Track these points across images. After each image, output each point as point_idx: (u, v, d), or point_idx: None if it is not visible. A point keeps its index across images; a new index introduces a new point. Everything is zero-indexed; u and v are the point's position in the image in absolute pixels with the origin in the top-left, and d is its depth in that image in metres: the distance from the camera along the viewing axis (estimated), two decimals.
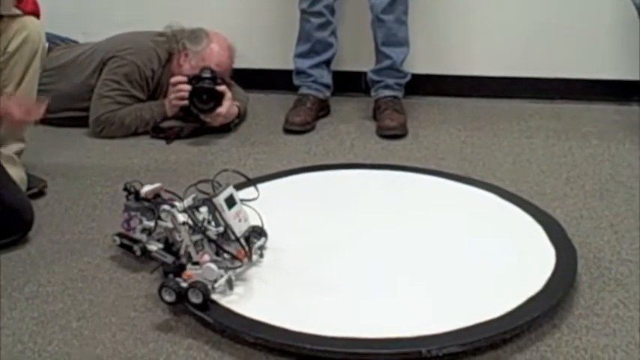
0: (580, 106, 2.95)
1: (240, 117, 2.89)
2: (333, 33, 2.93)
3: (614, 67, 2.99)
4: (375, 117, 2.88)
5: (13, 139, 2.29)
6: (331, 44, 2.94)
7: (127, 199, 1.94)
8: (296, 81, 2.99)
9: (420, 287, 1.78)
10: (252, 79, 3.12)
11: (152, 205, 1.89)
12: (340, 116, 2.97)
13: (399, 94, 2.92)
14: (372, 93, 2.93)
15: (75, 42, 3.12)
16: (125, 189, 1.95)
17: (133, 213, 1.91)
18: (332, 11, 2.88)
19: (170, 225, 1.80)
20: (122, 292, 1.84)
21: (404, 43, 2.88)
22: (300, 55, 2.96)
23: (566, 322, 1.68)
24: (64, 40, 3.08)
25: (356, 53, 3.10)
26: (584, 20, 2.98)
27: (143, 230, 1.90)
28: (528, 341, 1.62)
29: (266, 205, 1.93)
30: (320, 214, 2.13)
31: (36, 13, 2.28)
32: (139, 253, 1.90)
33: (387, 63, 2.88)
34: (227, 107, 2.75)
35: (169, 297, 1.70)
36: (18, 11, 2.22)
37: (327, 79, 2.98)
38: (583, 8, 2.96)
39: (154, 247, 1.87)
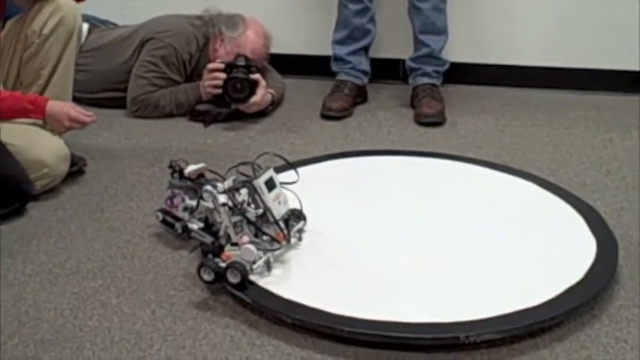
0: (620, 98, 2.91)
1: (275, 103, 2.89)
2: (372, 19, 2.92)
3: None
4: (412, 104, 2.86)
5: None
6: (369, 31, 2.92)
7: (172, 177, 1.95)
8: (334, 67, 2.98)
9: (459, 274, 1.77)
10: (290, 65, 3.12)
11: (195, 184, 1.90)
12: (377, 103, 2.97)
13: (438, 81, 2.90)
14: (410, 80, 2.92)
15: (114, 24, 3.14)
16: (170, 166, 1.96)
17: (176, 191, 1.92)
18: None
19: (211, 205, 1.81)
20: (161, 270, 1.85)
21: (442, 31, 2.86)
22: (338, 42, 2.95)
23: (607, 313, 1.66)
24: (103, 22, 3.11)
25: (394, 40, 3.10)
26: (627, 11, 2.93)
27: (185, 209, 1.91)
28: (567, 331, 1.61)
29: (304, 189, 1.93)
30: (358, 199, 2.13)
31: None
32: (179, 231, 1.91)
33: (425, 51, 2.87)
34: (261, 95, 2.75)
35: (208, 276, 1.71)
36: None
37: (365, 65, 2.97)
38: None
39: (194, 226, 1.88)
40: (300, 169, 2.04)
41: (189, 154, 2.49)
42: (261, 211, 1.80)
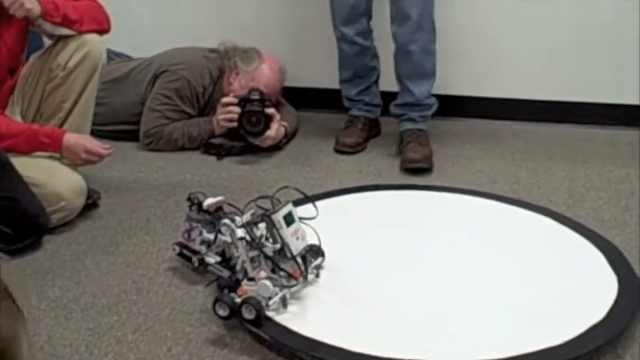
0: (636, 133, 2.89)
1: (288, 136, 2.88)
2: (374, 56, 2.85)
3: None
4: (399, 150, 2.72)
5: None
6: (374, 67, 2.87)
7: (190, 210, 1.94)
8: (346, 104, 2.95)
9: (479, 311, 1.75)
10: (303, 98, 3.12)
11: (213, 218, 1.88)
12: (389, 136, 2.94)
13: (424, 126, 2.77)
14: (397, 124, 2.80)
15: (128, 57, 3.16)
16: (189, 199, 1.95)
17: (194, 224, 1.91)
18: (367, 35, 2.77)
19: (229, 239, 1.79)
20: (177, 305, 1.83)
21: (430, 74, 2.73)
22: (345, 81, 2.90)
23: (630, 352, 1.63)
24: (118, 54, 3.12)
25: None
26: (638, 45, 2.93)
27: (202, 242, 1.90)
28: None
29: (320, 223, 1.91)
30: (375, 234, 2.11)
31: (98, 31, 2.29)
32: (196, 264, 1.90)
33: (409, 99, 2.75)
34: (275, 130, 2.75)
35: (223, 311, 1.69)
36: (70, 32, 2.24)
37: (377, 99, 2.93)
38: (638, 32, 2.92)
39: (211, 259, 1.86)
40: (316, 203, 2.02)
41: (203, 187, 2.47)
42: (278, 246, 1.78)
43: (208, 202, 1.92)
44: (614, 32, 2.95)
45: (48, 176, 2.14)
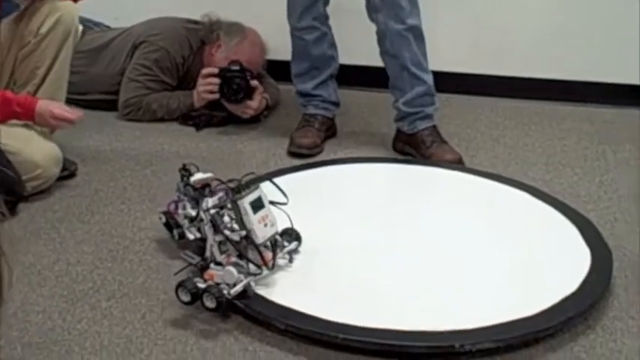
0: (613, 111, 2.91)
1: (270, 108, 2.87)
2: (332, 45, 2.59)
3: None
4: (420, 152, 2.46)
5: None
6: (332, 57, 2.60)
7: (182, 181, 1.88)
8: (300, 101, 2.65)
9: (453, 283, 1.76)
10: (285, 71, 3.10)
11: (197, 194, 1.83)
12: (365, 110, 2.93)
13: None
14: (407, 126, 2.49)
15: (107, 27, 3.13)
16: (182, 169, 1.88)
17: (182, 196, 1.86)
18: (324, 20, 2.54)
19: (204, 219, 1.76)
20: (152, 274, 1.83)
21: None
22: (299, 75, 2.62)
23: (601, 324, 1.66)
24: (97, 24, 3.09)
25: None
26: (618, 23, 2.94)
27: (185, 217, 1.84)
28: (562, 341, 1.60)
29: (294, 197, 1.83)
30: (351, 207, 2.11)
31: None
32: (176, 237, 1.88)
33: (422, 89, 2.47)
34: (258, 101, 2.74)
35: (185, 297, 1.65)
36: None
37: (335, 95, 2.64)
38: (618, 11, 2.93)
39: (191, 235, 1.81)
40: (292, 176, 2.02)
41: (181, 158, 2.44)
42: (244, 232, 1.70)
43: (196, 177, 1.85)
44: (595, 10, 2.95)
45: (24, 144, 2.12)
